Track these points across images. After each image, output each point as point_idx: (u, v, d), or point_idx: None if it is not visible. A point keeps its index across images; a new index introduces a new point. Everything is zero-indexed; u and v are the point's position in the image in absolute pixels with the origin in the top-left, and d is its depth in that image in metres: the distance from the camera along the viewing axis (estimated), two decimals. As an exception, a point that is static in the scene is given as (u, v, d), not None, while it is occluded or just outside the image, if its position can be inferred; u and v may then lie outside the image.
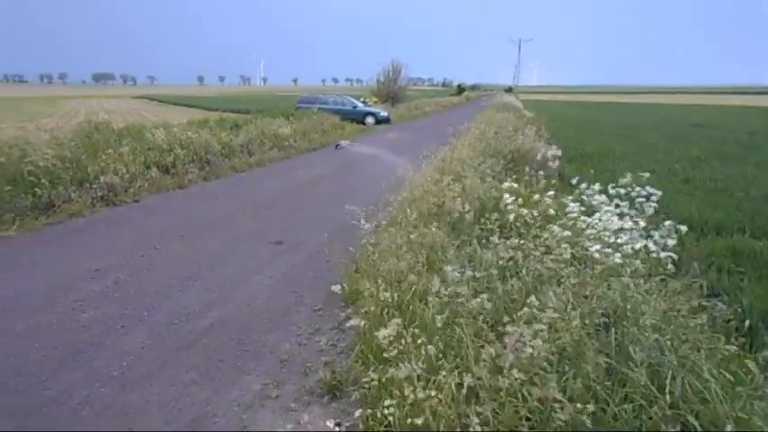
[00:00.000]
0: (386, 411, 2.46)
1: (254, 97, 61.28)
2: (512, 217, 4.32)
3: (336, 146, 16.27)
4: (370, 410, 2.76)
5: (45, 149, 8.78)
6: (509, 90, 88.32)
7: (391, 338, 2.71)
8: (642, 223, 3.58)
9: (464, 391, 2.40)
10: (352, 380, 3.30)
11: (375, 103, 32.60)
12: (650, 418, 2.26)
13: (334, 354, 3.85)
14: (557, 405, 2.21)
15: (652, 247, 3.34)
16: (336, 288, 4.18)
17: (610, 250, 3.28)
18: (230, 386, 3.47)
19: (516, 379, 2.33)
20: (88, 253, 6.06)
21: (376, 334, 2.73)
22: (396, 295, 3.67)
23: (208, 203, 8.78)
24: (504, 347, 2.44)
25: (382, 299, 3.62)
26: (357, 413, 2.92)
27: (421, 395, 2.41)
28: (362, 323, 3.39)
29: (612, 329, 2.65)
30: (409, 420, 2.37)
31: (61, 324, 4.27)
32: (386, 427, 2.54)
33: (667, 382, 2.33)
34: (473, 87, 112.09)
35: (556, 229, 3.77)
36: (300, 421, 3.05)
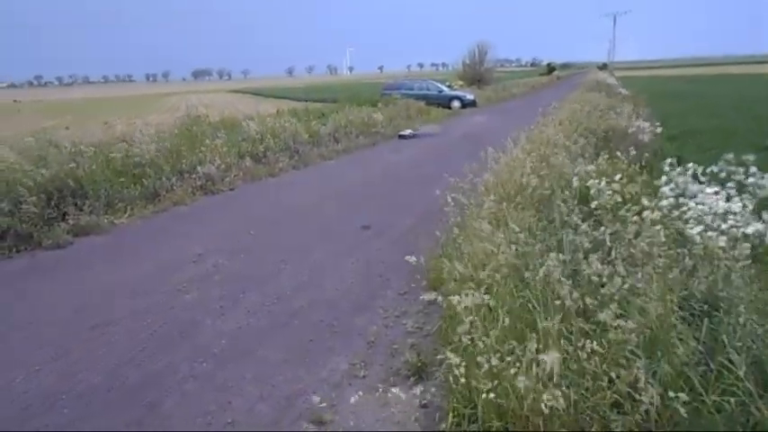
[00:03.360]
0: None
1: (340, 86, 62.35)
2: (602, 199, 4.12)
3: (401, 136, 15.59)
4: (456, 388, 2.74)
5: (149, 143, 9.46)
6: (603, 67, 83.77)
7: (470, 310, 2.67)
8: (750, 206, 3.28)
9: (547, 370, 2.33)
10: (438, 362, 3.30)
11: (461, 86, 32.15)
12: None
13: (419, 336, 3.88)
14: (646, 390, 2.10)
15: (763, 230, 3.06)
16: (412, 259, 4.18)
17: (713, 233, 3.04)
18: (320, 365, 3.59)
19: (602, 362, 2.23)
20: (190, 238, 6.47)
21: (454, 303, 2.69)
22: (480, 276, 3.62)
23: (298, 191, 9.09)
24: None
25: (466, 281, 3.60)
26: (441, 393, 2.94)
27: (500, 367, 2.37)
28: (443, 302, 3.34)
29: (707, 318, 2.46)
30: (492, 396, 2.34)
31: (168, 304, 4.62)
32: (471, 408, 2.53)
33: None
34: (564, 66, 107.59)
35: (648, 212, 3.55)
36: (386, 401, 3.10)
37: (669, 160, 4.14)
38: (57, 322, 4.36)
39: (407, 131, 15.87)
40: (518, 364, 2.36)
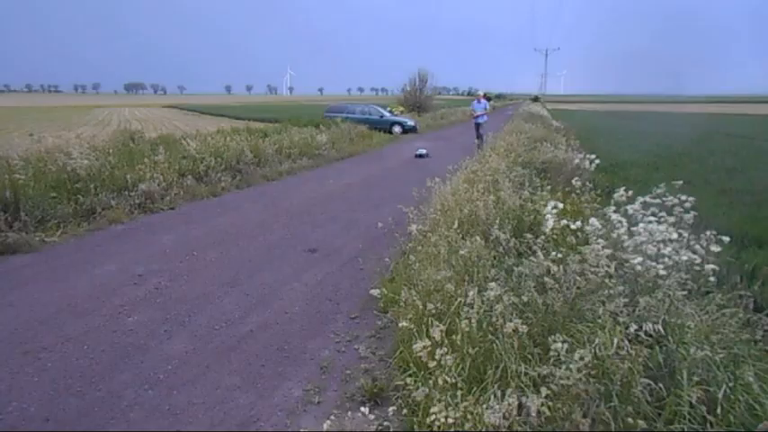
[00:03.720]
0: (431, 419, 2.48)
1: (281, 107, 61.99)
2: (548, 229, 4.31)
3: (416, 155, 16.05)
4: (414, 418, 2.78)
5: (85, 158, 9.07)
6: (536, 99, 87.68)
7: (428, 350, 2.72)
8: (685, 234, 3.54)
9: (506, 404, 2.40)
10: (392, 387, 3.33)
11: (401, 112, 32.69)
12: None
13: (373, 361, 3.90)
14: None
15: (694, 258, 3.31)
16: (375, 292, 4.22)
17: (652, 263, 3.26)
18: (273, 391, 3.53)
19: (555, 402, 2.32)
20: (129, 258, 6.22)
21: (414, 347, 2.73)
22: (432, 305, 3.70)
23: (241, 211, 8.93)
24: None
25: (419, 307, 3.66)
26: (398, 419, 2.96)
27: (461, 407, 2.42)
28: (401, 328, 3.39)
29: (657, 347, 2.63)
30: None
31: (108, 327, 4.41)
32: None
33: (719, 398, 2.31)
34: (498, 96, 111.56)
35: (593, 240, 3.75)
36: (342, 427, 3.09)
37: (607, 191, 4.39)
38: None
39: (423, 150, 16.78)
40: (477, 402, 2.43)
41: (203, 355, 4.01)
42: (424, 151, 16.47)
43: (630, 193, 4.18)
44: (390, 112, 28.85)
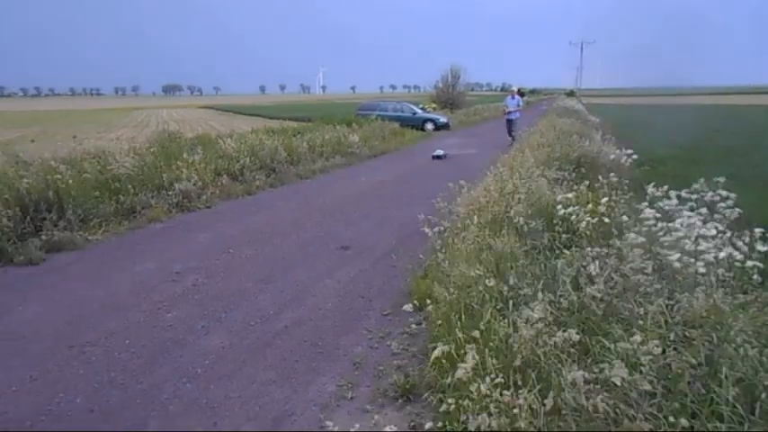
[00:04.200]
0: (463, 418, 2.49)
1: (314, 105, 62.62)
2: (583, 224, 4.26)
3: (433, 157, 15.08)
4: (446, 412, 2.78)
5: (125, 158, 9.36)
6: (571, 93, 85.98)
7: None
8: (726, 230, 3.44)
9: (546, 408, 2.39)
10: (425, 384, 3.34)
11: (434, 109, 32.60)
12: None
13: (406, 358, 3.92)
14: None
15: (737, 255, 3.21)
16: (407, 289, 4.23)
17: (691, 259, 3.18)
18: (307, 386, 3.59)
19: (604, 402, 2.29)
20: (168, 256, 6.40)
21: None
22: (466, 302, 3.70)
23: (276, 209, 9.06)
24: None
25: (452, 304, 3.67)
26: (431, 415, 2.98)
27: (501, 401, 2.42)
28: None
29: (701, 344, 2.57)
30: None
31: (149, 323, 4.55)
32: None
33: (761, 398, 2.25)
34: (532, 91, 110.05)
35: (631, 236, 3.68)
36: (375, 423, 3.12)
37: (647, 186, 4.30)
38: (33, 342, 4.25)
39: (440, 152, 15.50)
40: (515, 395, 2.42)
41: (239, 350, 4.10)
42: (441, 152, 15.37)
43: (666, 188, 4.09)
44: (423, 109, 28.80)
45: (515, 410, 2.38)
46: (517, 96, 17.99)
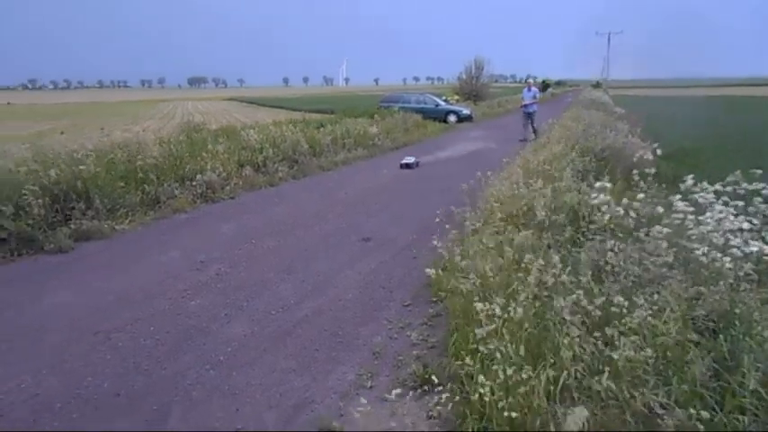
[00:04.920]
0: (482, 398, 2.50)
1: (336, 97, 62.68)
2: (606, 218, 4.21)
3: (402, 165, 12.60)
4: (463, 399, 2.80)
5: (152, 149, 9.53)
6: (597, 85, 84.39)
7: (485, 333, 2.74)
8: (760, 224, 3.37)
9: (558, 387, 2.39)
10: (444, 374, 3.35)
11: (457, 101, 32.34)
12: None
13: (425, 348, 3.94)
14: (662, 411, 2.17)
15: (766, 250, 3.14)
16: (427, 281, 4.25)
17: (718, 254, 3.12)
18: (327, 374, 3.63)
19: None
20: (192, 246, 6.51)
21: (477, 331, 2.76)
22: (485, 293, 3.70)
23: (298, 201, 9.13)
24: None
25: (471, 294, 3.67)
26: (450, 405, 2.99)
27: (516, 378, 2.42)
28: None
29: (721, 336, 2.54)
30: (505, 414, 2.40)
31: (173, 310, 4.65)
32: (480, 419, 2.58)
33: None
34: (558, 83, 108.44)
35: (656, 229, 3.63)
36: (394, 412, 3.15)
37: (674, 180, 4.23)
38: (61, 327, 4.38)
39: (410, 159, 12.85)
40: (534, 378, 2.43)
41: (261, 338, 4.16)
42: (412, 160, 12.73)
43: (692, 180, 4.02)
44: (446, 100, 28.61)
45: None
46: (534, 88, 17.70)
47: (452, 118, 25.54)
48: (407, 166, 12.53)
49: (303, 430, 2.99)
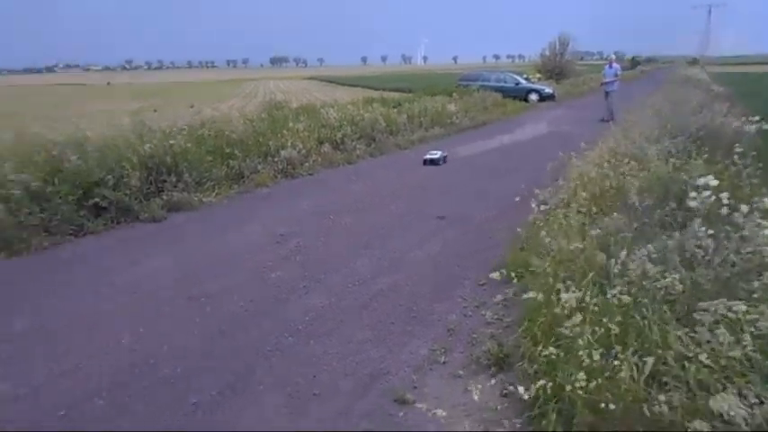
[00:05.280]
0: (565, 382, 2.45)
1: (414, 76, 62.37)
2: (701, 200, 3.96)
3: (426, 161, 10.42)
4: (543, 382, 2.76)
5: (237, 126, 9.91)
6: (694, 62, 78.84)
7: (569, 310, 2.67)
8: None
9: (645, 374, 2.31)
10: (520, 354, 3.32)
11: (539, 79, 31.29)
12: None
13: (499, 327, 3.91)
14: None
15: None
16: (503, 261, 4.19)
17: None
18: (401, 347, 3.68)
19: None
20: (273, 220, 6.76)
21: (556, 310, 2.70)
22: (567, 274, 3.60)
23: (374, 178, 9.23)
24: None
25: (550, 277, 3.58)
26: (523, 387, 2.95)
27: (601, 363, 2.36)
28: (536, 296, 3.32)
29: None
30: (585, 390, 2.34)
31: (255, 280, 4.87)
32: (560, 402, 2.54)
33: None
34: (648, 60, 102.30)
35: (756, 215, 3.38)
36: (467, 388, 3.15)
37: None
38: (155, 290, 4.71)
39: (436, 154, 10.55)
40: (620, 364, 2.36)
41: (337, 310, 4.28)
42: (437, 155, 10.47)
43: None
44: (527, 79, 27.73)
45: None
46: (615, 65, 16.71)
47: (534, 97, 24.75)
48: (432, 162, 10.33)
49: (309, 430, 2.91)
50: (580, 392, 2.37)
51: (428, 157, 10.44)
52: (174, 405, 3.08)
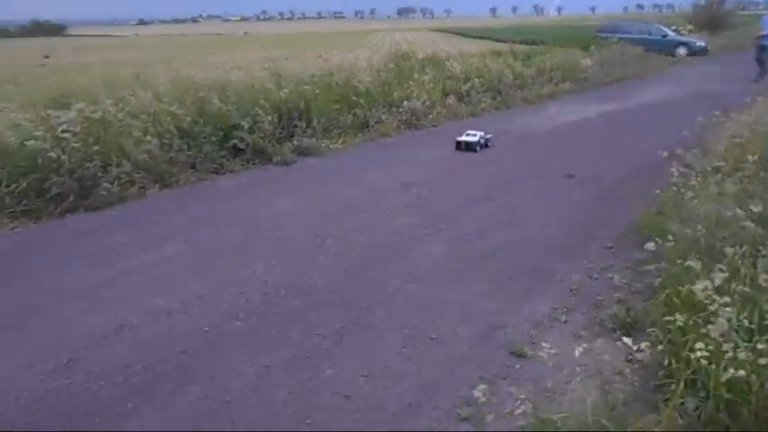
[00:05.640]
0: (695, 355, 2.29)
1: (547, 28, 58.88)
2: None
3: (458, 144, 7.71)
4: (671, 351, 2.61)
5: (363, 75, 10.06)
6: None
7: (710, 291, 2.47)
8: None
9: None
10: (650, 321, 3.15)
11: (690, 31, 28.20)
12: None
13: (627, 293, 3.72)
14: None
15: None
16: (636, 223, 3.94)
17: None
18: (519, 303, 3.64)
19: None
20: (396, 169, 6.86)
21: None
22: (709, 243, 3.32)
23: (499, 132, 8.98)
24: None
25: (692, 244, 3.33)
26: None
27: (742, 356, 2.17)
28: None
29: None
30: (723, 378, 2.17)
31: (378, 226, 5.03)
32: (692, 373, 2.39)
33: None
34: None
35: None
36: (589, 349, 3.06)
37: None
38: (287, 227, 5.04)
39: (473, 136, 7.74)
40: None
41: (456, 260, 4.30)
42: (475, 137, 7.70)
43: None
44: (675, 30, 25.10)
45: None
46: None
47: (682, 51, 22.36)
48: (467, 146, 7.62)
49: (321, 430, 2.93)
50: (714, 367, 2.21)
51: (462, 139, 7.64)
52: (302, 334, 3.31)
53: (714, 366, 2.23)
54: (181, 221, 5.27)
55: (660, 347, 2.75)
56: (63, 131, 5.52)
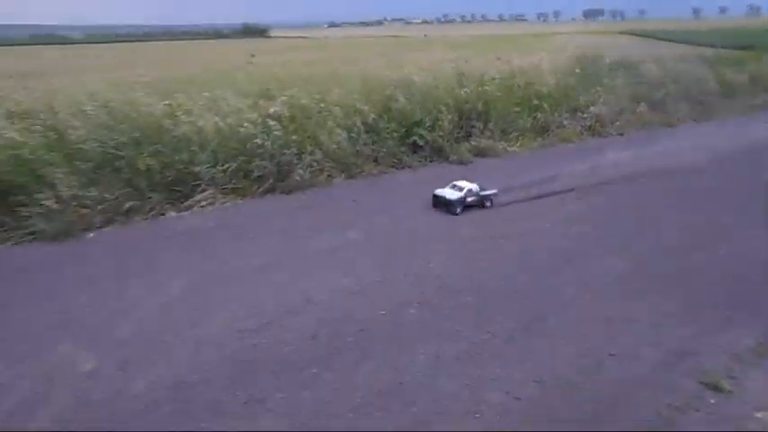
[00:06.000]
0: None
1: (764, 31, 51.70)
2: None
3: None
4: None
5: (546, 78, 9.73)
6: None
7: None
8: None
9: None
10: None
11: None
12: None
13: None
14: None
15: None
16: None
17: None
18: (718, 331, 3.28)
19: None
20: (577, 175, 6.45)
21: None
22: None
23: (698, 144, 8.03)
24: None
25: None
26: None
27: None
28: None
29: None
30: None
31: (555, 232, 4.92)
32: None
33: None
34: None
35: None
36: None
37: None
38: (461, 225, 5.11)
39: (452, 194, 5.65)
40: None
41: (638, 277, 4.01)
42: (453, 196, 5.46)
43: None
44: None
45: None
46: None
47: None
48: (441, 203, 5.58)
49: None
50: None
51: (438, 193, 5.64)
52: (474, 329, 3.33)
53: None
54: (363, 210, 5.60)
55: None
56: (270, 118, 6.18)
